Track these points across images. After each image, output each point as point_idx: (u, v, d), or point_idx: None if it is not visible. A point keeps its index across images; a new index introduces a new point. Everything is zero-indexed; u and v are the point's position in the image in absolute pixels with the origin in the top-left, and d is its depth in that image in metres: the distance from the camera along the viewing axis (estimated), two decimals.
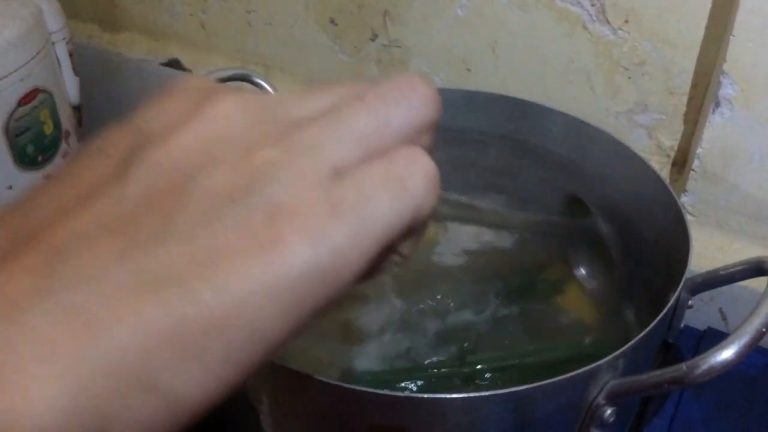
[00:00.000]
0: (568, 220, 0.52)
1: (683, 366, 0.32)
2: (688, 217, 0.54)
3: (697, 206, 0.54)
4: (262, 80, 0.55)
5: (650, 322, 0.37)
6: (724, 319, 0.54)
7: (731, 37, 0.47)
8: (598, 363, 0.34)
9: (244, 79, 0.55)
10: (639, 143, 0.58)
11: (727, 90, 0.49)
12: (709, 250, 0.54)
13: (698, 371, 0.31)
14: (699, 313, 0.54)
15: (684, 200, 0.55)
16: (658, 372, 0.33)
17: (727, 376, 0.32)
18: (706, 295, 0.44)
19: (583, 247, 0.52)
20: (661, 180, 0.48)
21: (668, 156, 0.58)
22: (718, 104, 0.50)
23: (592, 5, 0.54)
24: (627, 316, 0.51)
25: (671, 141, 0.57)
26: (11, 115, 0.58)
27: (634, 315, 0.51)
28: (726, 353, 0.31)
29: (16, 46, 0.58)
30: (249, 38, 0.72)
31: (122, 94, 0.81)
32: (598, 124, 0.54)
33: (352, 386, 0.32)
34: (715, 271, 0.41)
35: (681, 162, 0.58)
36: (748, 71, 0.48)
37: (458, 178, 0.62)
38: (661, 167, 0.58)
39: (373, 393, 0.33)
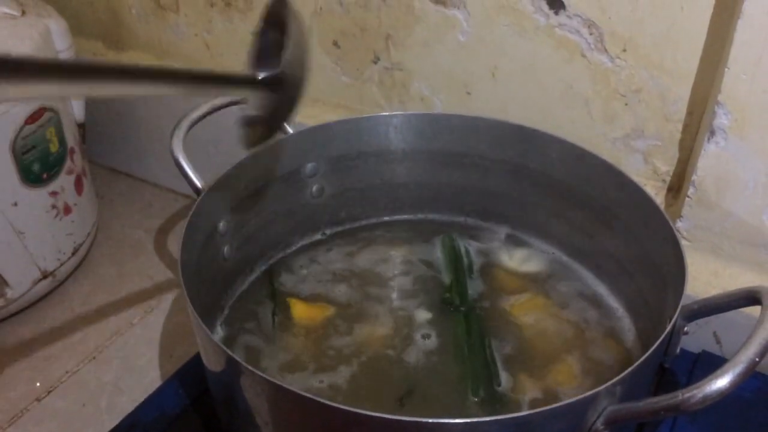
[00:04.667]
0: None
1: (679, 394, 0.33)
2: (683, 242, 0.56)
3: (692, 231, 0.56)
4: None
5: (647, 346, 0.38)
6: (719, 342, 0.55)
7: (726, 69, 0.48)
8: (597, 389, 0.35)
9: None
10: (635, 168, 0.59)
11: (721, 120, 0.50)
12: (703, 275, 0.55)
13: (694, 399, 0.32)
14: (694, 337, 0.55)
15: (679, 225, 0.56)
16: (654, 399, 0.34)
17: (721, 399, 0.33)
18: (701, 319, 0.45)
19: None
20: (657, 207, 0.49)
21: (664, 181, 0.59)
22: (713, 133, 0.51)
23: (591, 34, 0.56)
24: (626, 336, 0.53)
25: (667, 166, 0.58)
26: (18, 133, 0.59)
27: (633, 337, 0.52)
28: (721, 382, 0.32)
29: None
30: None
31: (126, 112, 0.82)
32: (596, 149, 0.55)
33: (356, 410, 0.33)
34: (710, 299, 0.42)
35: (676, 187, 0.59)
36: (742, 102, 0.49)
37: (458, 201, 0.63)
38: (657, 192, 0.59)
39: (378, 417, 0.33)
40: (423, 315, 0.55)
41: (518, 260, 0.60)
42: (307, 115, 0.71)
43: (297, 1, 0.66)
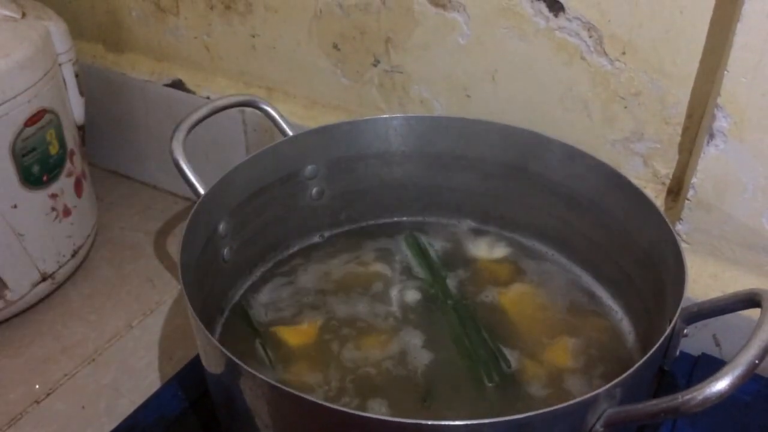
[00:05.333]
0: None
1: (679, 396, 0.33)
2: (683, 245, 0.56)
3: (692, 234, 0.56)
4: (269, 106, 0.57)
5: (647, 348, 0.38)
6: (718, 345, 0.55)
7: (725, 72, 0.48)
8: (597, 392, 0.35)
9: (251, 105, 0.57)
10: (635, 171, 0.59)
11: (721, 123, 0.50)
12: (702, 278, 0.55)
13: (693, 402, 0.32)
14: (693, 339, 0.55)
15: (679, 228, 0.56)
16: (654, 401, 0.34)
17: (721, 402, 0.33)
18: (700, 321, 0.45)
19: None
20: (657, 210, 0.49)
21: (663, 184, 0.59)
22: (712, 136, 0.51)
23: (590, 37, 0.56)
24: (626, 339, 0.53)
25: (667, 169, 0.59)
26: (18, 135, 0.59)
27: (633, 339, 0.53)
28: (720, 384, 0.32)
29: (24, 67, 0.59)
30: (253, 61, 0.73)
31: (125, 114, 0.82)
32: (596, 151, 0.56)
33: (359, 412, 0.33)
34: (710, 301, 0.42)
35: (676, 190, 0.59)
36: (741, 105, 0.49)
37: (458, 203, 0.63)
38: (657, 195, 0.59)
39: (377, 419, 0.33)
40: (414, 313, 0.55)
41: (515, 259, 0.60)
42: (306, 117, 0.71)
43: (298, 3, 0.67)
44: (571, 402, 0.34)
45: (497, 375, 0.50)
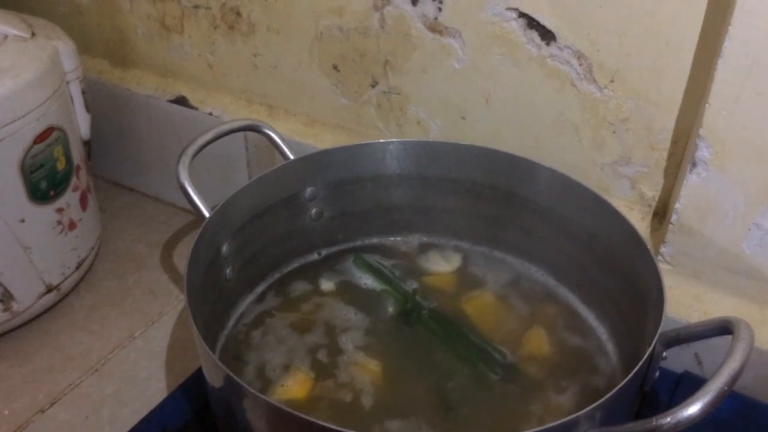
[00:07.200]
0: None
1: (653, 420, 0.35)
2: (667, 267, 0.58)
3: (676, 257, 0.58)
4: (271, 131, 0.59)
5: (629, 368, 0.40)
6: (699, 363, 0.57)
7: (707, 105, 0.50)
8: (577, 414, 0.37)
9: (254, 129, 0.59)
10: (623, 193, 0.62)
11: (702, 152, 0.52)
12: (686, 299, 0.57)
13: (666, 426, 0.34)
14: (676, 358, 0.57)
15: (663, 250, 0.58)
16: (630, 424, 0.36)
17: (701, 420, 0.35)
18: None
19: None
20: (639, 237, 0.51)
21: (650, 206, 0.61)
22: (694, 164, 0.53)
23: (580, 65, 0.58)
24: (610, 358, 0.55)
25: (653, 192, 0.61)
26: (27, 152, 0.61)
27: (617, 359, 0.55)
28: (692, 409, 0.34)
29: (33, 86, 0.61)
30: (255, 80, 0.75)
31: (129, 128, 0.84)
32: (585, 174, 0.58)
33: None
34: (685, 328, 0.44)
35: (662, 212, 0.61)
36: (722, 136, 0.51)
37: (450, 225, 0.65)
38: (643, 217, 0.61)
39: None
40: (397, 330, 0.57)
41: (505, 280, 0.63)
42: (306, 135, 0.73)
43: (299, 25, 0.69)
44: (552, 424, 0.36)
45: (499, 367, 0.53)
